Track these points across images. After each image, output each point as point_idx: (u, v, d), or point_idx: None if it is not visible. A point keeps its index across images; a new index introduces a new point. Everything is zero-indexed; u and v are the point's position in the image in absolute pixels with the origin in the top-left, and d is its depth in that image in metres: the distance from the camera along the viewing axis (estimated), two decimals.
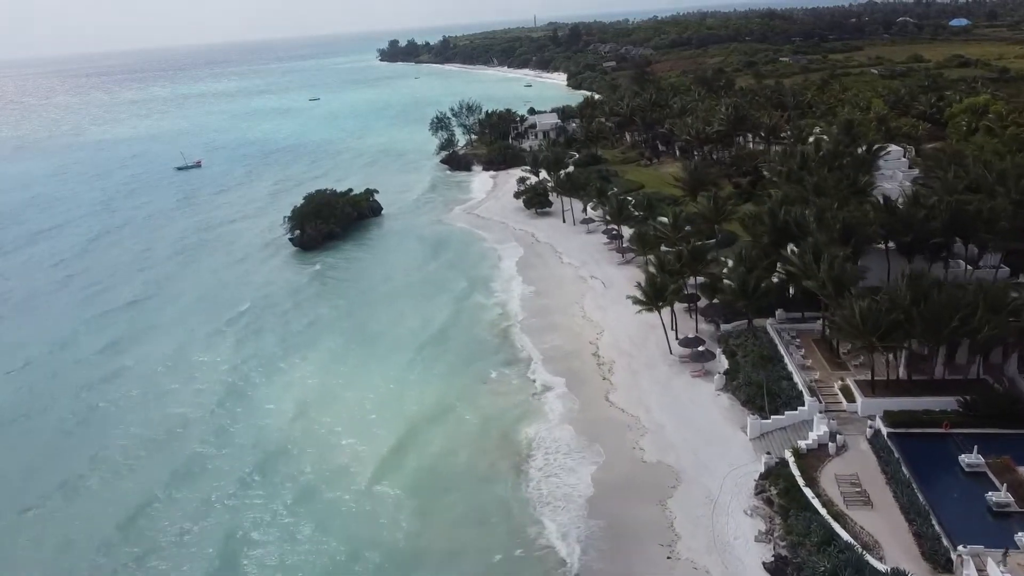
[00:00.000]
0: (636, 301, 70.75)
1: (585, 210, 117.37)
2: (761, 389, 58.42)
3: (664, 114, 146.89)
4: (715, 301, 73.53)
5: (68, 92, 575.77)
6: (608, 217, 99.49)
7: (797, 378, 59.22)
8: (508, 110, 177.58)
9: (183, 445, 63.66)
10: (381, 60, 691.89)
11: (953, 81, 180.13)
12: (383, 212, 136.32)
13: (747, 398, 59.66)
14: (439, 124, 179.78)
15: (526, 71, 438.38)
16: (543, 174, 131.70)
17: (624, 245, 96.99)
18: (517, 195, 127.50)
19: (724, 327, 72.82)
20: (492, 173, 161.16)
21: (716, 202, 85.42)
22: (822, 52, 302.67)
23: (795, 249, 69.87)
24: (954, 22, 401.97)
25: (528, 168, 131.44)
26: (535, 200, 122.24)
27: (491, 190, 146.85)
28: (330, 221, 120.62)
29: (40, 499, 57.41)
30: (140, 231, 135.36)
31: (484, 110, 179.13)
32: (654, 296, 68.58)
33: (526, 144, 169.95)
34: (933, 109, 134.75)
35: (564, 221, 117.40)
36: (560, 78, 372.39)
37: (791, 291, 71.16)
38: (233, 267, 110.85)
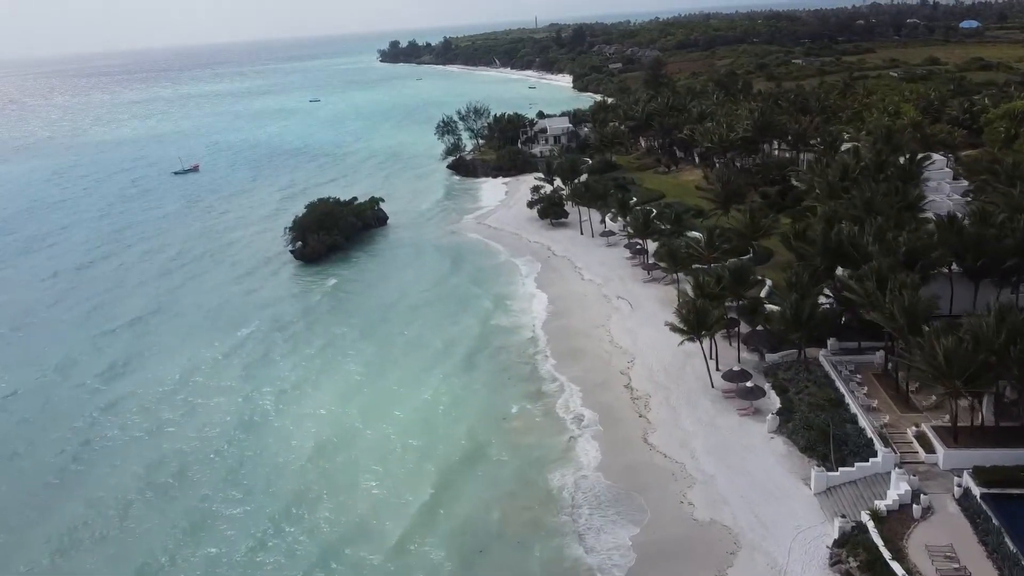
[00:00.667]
0: (675, 329, 64.13)
1: (603, 221, 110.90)
2: (824, 435, 51.86)
3: (682, 119, 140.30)
4: (758, 328, 67.10)
5: (69, 93, 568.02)
6: (631, 231, 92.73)
7: (864, 422, 52.64)
8: (517, 114, 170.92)
9: (188, 492, 57.12)
10: (382, 61, 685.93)
11: (979, 85, 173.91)
12: (388, 221, 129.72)
13: (807, 444, 53.05)
14: (445, 128, 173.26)
15: (529, 72, 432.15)
16: (557, 182, 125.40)
17: (650, 262, 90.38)
18: (531, 204, 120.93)
19: (769, 357, 66.30)
20: (502, 180, 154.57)
21: (753, 217, 78.69)
22: (834, 54, 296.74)
23: (849, 272, 63.45)
24: (964, 24, 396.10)
25: (542, 176, 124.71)
26: (550, 210, 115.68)
27: (502, 198, 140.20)
28: (333, 232, 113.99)
29: (28, 567, 50.57)
30: (137, 242, 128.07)
31: (492, 114, 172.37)
32: (695, 324, 61.95)
33: (536, 149, 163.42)
34: (966, 115, 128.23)
35: (582, 233, 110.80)
36: (565, 80, 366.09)
37: (843, 317, 64.74)
38: (235, 283, 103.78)
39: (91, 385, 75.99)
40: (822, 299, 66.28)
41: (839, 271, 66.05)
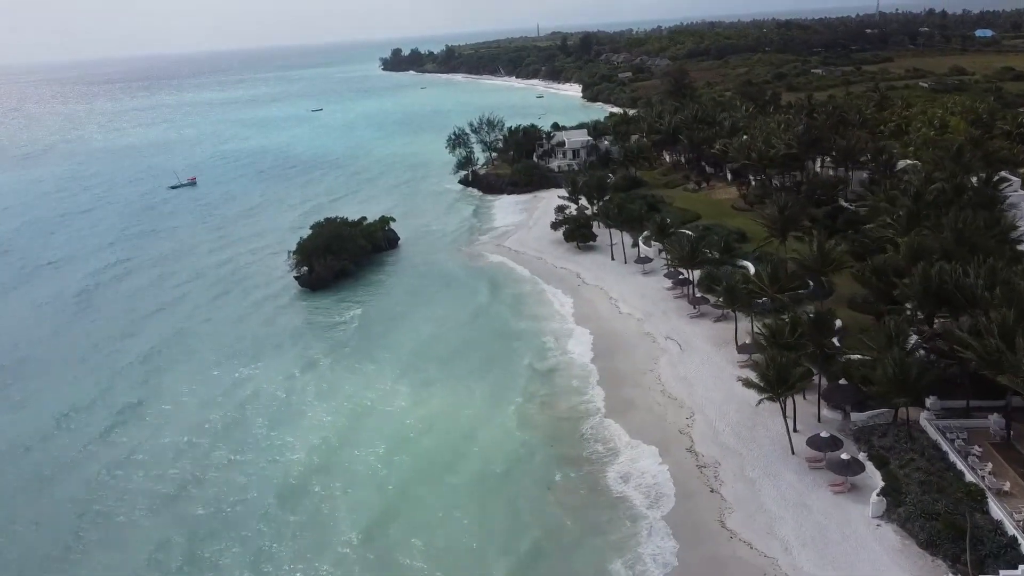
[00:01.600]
0: (748, 384, 55.05)
1: (636, 245, 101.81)
2: (955, 529, 42.56)
3: (712, 132, 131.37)
4: (841, 382, 57.92)
5: (73, 100, 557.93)
6: (674, 259, 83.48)
7: (999, 512, 43.35)
8: (533, 126, 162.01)
9: None
10: (384, 69, 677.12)
11: (1018, 96, 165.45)
12: (400, 242, 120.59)
13: (928, 538, 43.70)
14: (457, 141, 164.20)
15: (535, 81, 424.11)
16: (582, 200, 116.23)
17: (697, 295, 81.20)
18: (555, 226, 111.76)
19: (856, 416, 57.01)
20: (518, 196, 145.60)
21: (822, 248, 69.49)
22: (852, 63, 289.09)
23: (951, 320, 54.38)
24: (979, 33, 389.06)
25: (565, 195, 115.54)
26: (577, 233, 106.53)
27: (520, 217, 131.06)
28: (342, 256, 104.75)
29: None
30: (136, 270, 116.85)
31: (507, 126, 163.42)
32: (775, 381, 52.71)
33: (554, 164, 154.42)
34: (1021, 128, 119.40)
35: (612, 258, 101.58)
36: (573, 89, 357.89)
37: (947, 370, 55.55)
38: (241, 316, 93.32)
39: (94, 443, 65.89)
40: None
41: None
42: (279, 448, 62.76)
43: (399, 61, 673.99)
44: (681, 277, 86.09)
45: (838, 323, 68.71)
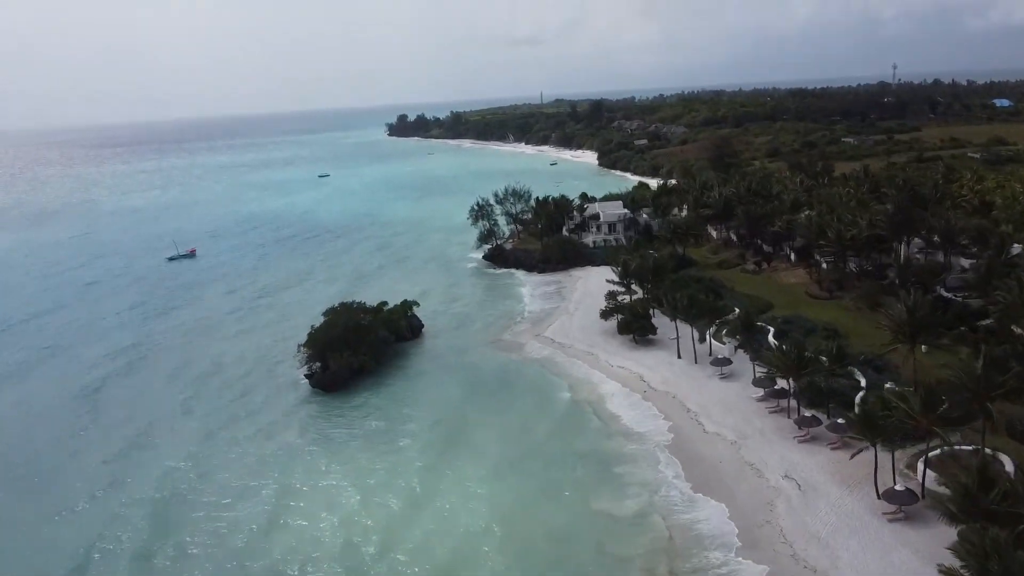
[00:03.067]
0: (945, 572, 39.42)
1: (706, 340, 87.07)
2: None
3: (771, 207, 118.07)
4: None
5: (83, 162, 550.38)
6: (775, 367, 68.38)
7: None
8: (563, 196, 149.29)
9: None
10: (390, 135, 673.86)
11: None
12: (423, 330, 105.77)
13: None
14: (480, 212, 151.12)
15: (546, 148, 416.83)
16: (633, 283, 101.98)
17: (805, 414, 65.94)
18: (605, 314, 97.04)
19: None
20: (549, 275, 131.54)
21: (986, 366, 54.43)
22: (877, 131, 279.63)
23: None
24: (997, 102, 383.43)
25: (616, 279, 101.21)
26: (635, 325, 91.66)
27: (557, 301, 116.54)
28: (360, 351, 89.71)
29: None
30: (109, 377, 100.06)
31: (535, 196, 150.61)
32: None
33: (588, 239, 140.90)
34: None
35: (679, 356, 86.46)
36: (587, 156, 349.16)
37: None
38: (243, 432, 77.04)
39: None
40: None
41: None
42: None
43: (405, 127, 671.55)
44: (779, 389, 70.93)
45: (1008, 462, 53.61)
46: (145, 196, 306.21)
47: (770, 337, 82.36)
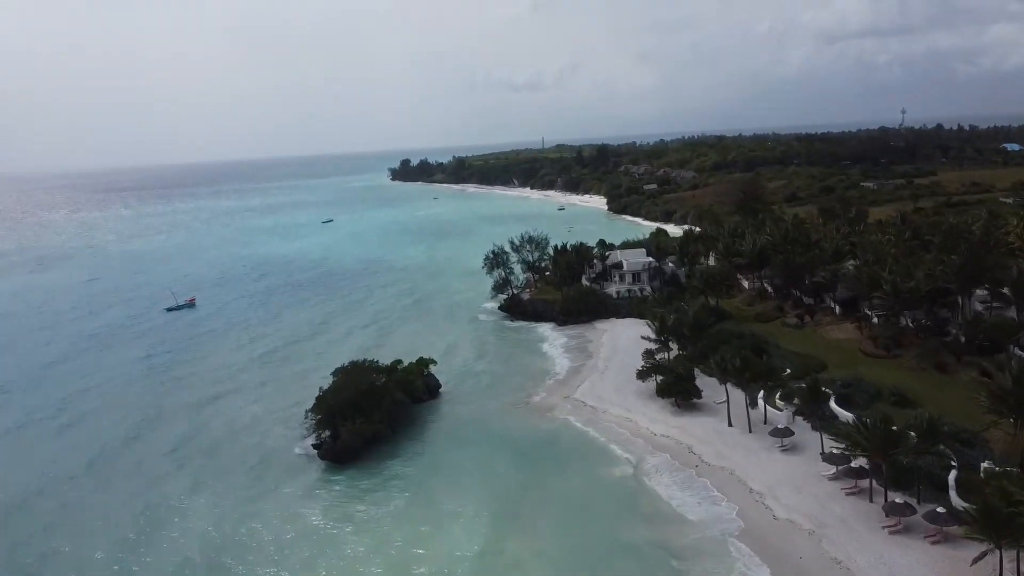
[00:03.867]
0: None
1: (758, 405, 78.57)
2: None
3: (811, 256, 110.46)
4: None
5: (89, 206, 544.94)
6: (857, 447, 59.64)
7: None
8: (583, 244, 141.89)
9: None
10: (393, 179, 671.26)
11: None
12: (441, 390, 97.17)
13: None
14: (495, 260, 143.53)
15: (552, 192, 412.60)
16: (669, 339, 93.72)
17: (896, 499, 57.09)
18: (642, 375, 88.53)
19: None
20: (573, 328, 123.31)
21: None
22: (892, 176, 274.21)
23: None
24: (1008, 146, 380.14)
25: (652, 335, 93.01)
26: (677, 388, 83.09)
27: (584, 357, 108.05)
28: (374, 416, 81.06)
29: None
30: (119, 446, 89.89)
31: (553, 244, 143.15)
32: None
33: (611, 289, 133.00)
34: None
35: (730, 424, 77.75)
36: (595, 201, 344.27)
37: None
38: (266, 515, 67.50)
39: None
40: None
41: None
42: None
43: (408, 171, 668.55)
44: (854, 465, 62.17)
45: None
46: (150, 241, 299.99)
47: (832, 403, 73.98)
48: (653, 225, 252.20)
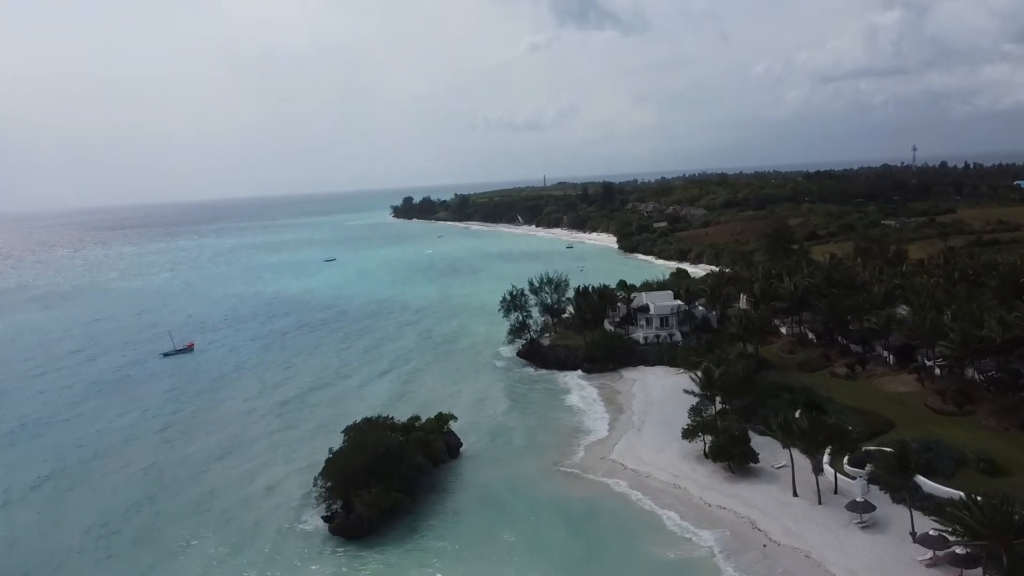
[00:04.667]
0: None
1: (825, 470, 69.80)
2: None
3: (858, 300, 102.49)
4: None
5: (87, 244, 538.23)
6: (960, 526, 50.94)
7: None
8: (606, 286, 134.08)
9: None
10: (395, 217, 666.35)
11: None
12: (462, 450, 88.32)
13: None
14: (512, 303, 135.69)
15: (558, 231, 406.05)
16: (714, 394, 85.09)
17: None
18: (688, 434, 79.85)
19: None
20: (599, 377, 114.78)
21: None
22: (911, 214, 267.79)
23: None
24: (1021, 183, 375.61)
25: (699, 390, 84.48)
26: (733, 451, 74.39)
27: (615, 410, 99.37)
28: (391, 484, 72.22)
29: None
30: (116, 523, 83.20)
31: (577, 285, 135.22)
32: None
33: (638, 334, 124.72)
34: None
35: (795, 494, 68.87)
36: (603, 239, 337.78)
37: None
38: None
39: None
40: None
41: None
42: None
43: (410, 209, 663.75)
44: (960, 551, 53.25)
45: None
46: (152, 279, 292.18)
47: (919, 477, 65.13)
48: (667, 264, 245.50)
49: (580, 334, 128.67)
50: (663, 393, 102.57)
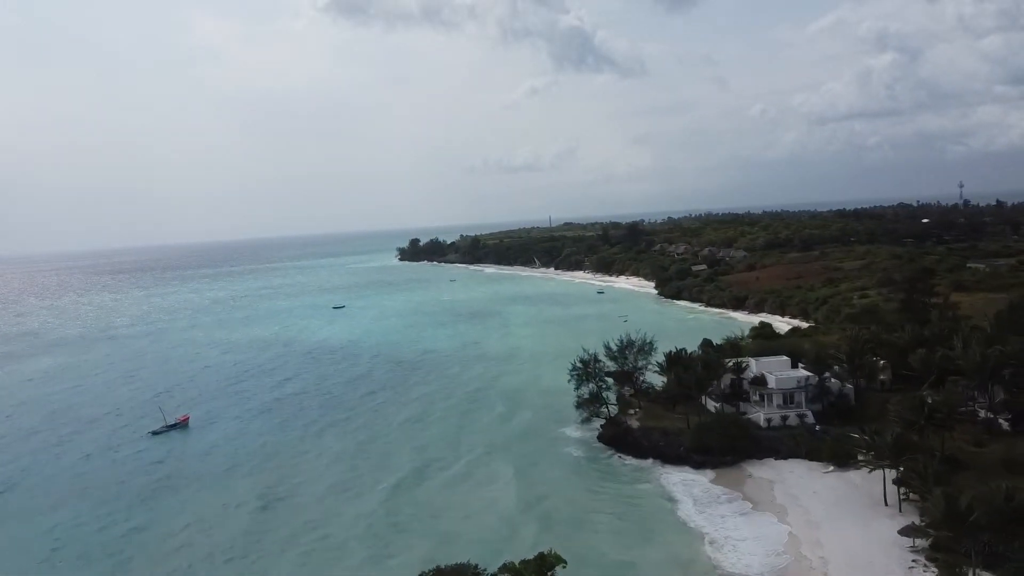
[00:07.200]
0: None
1: None
2: None
3: None
4: None
5: (97, 289, 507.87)
6: None
7: None
8: (710, 351, 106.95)
9: None
10: (401, 259, 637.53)
11: None
12: None
13: None
14: (586, 372, 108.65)
15: (580, 273, 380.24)
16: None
17: None
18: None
19: None
20: (715, 476, 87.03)
21: None
22: (986, 254, 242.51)
23: None
24: None
25: (931, 531, 56.45)
26: None
27: (764, 537, 71.11)
28: None
29: None
30: None
31: (669, 350, 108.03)
32: None
33: (759, 415, 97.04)
34: None
35: None
36: (634, 283, 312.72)
37: None
38: None
39: None
40: None
41: None
42: None
43: (417, 251, 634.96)
44: None
45: None
46: (152, 328, 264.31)
47: None
48: (716, 311, 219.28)
49: (672, 411, 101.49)
50: (825, 507, 74.98)
